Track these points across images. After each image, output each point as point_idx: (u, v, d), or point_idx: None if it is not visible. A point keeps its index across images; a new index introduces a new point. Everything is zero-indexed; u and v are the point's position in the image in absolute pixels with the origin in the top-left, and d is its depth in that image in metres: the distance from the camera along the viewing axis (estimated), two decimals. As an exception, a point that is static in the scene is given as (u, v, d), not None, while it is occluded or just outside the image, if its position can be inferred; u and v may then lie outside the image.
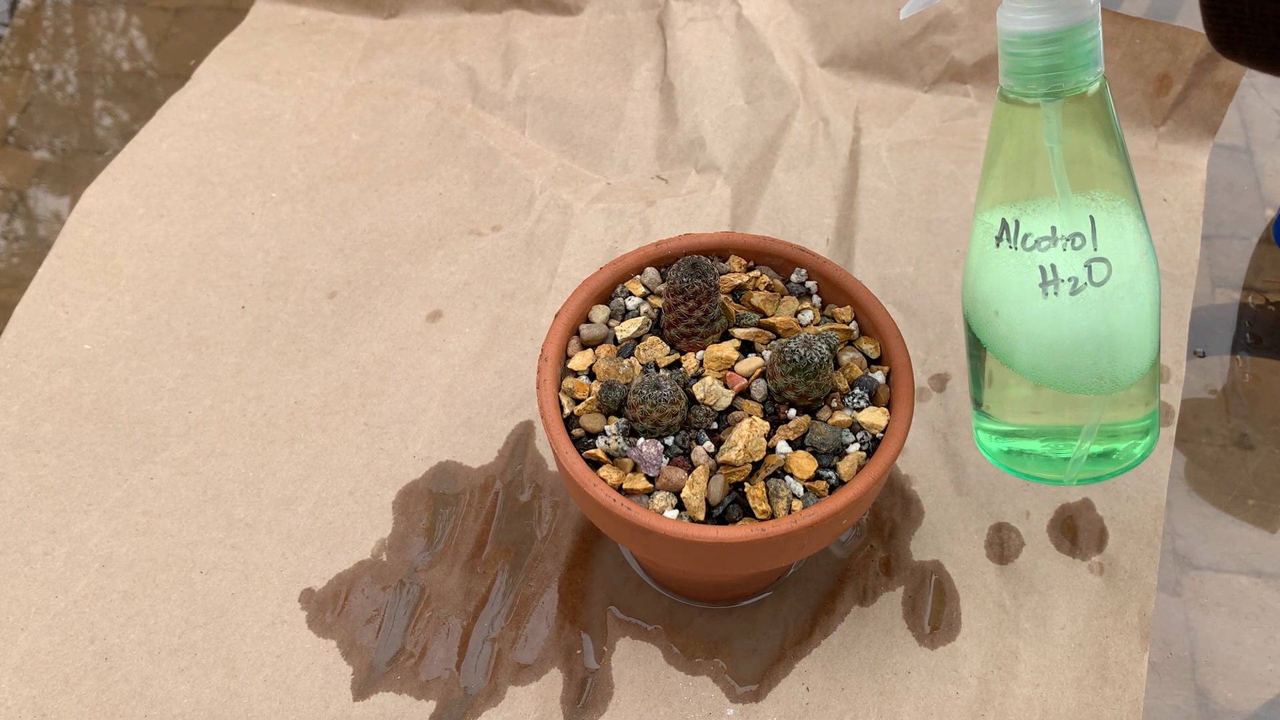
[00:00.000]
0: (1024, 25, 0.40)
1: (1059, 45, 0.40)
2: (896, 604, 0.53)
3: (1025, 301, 0.42)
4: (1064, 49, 0.40)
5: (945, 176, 0.71)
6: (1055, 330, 0.42)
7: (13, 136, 0.77)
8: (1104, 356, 0.43)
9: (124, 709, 0.50)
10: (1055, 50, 0.40)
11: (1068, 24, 0.40)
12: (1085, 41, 0.40)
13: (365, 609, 0.53)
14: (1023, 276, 0.42)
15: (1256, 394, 0.61)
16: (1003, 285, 0.43)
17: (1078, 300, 0.41)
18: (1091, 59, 0.41)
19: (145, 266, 0.67)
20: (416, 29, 0.81)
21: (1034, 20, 0.40)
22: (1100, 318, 0.42)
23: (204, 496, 0.57)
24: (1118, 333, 0.42)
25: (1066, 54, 0.40)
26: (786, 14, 0.78)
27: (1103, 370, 0.43)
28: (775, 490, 0.44)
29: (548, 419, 0.46)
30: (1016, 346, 0.43)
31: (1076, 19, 0.40)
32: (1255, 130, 0.75)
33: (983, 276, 0.44)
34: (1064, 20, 0.40)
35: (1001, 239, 0.42)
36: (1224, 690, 0.51)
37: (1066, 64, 0.40)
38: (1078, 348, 0.42)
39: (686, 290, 0.47)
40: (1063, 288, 0.41)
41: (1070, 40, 0.40)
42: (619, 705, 0.50)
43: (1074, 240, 0.41)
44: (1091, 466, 0.46)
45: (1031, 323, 0.42)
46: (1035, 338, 0.42)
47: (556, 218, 0.69)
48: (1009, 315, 0.43)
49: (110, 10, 0.86)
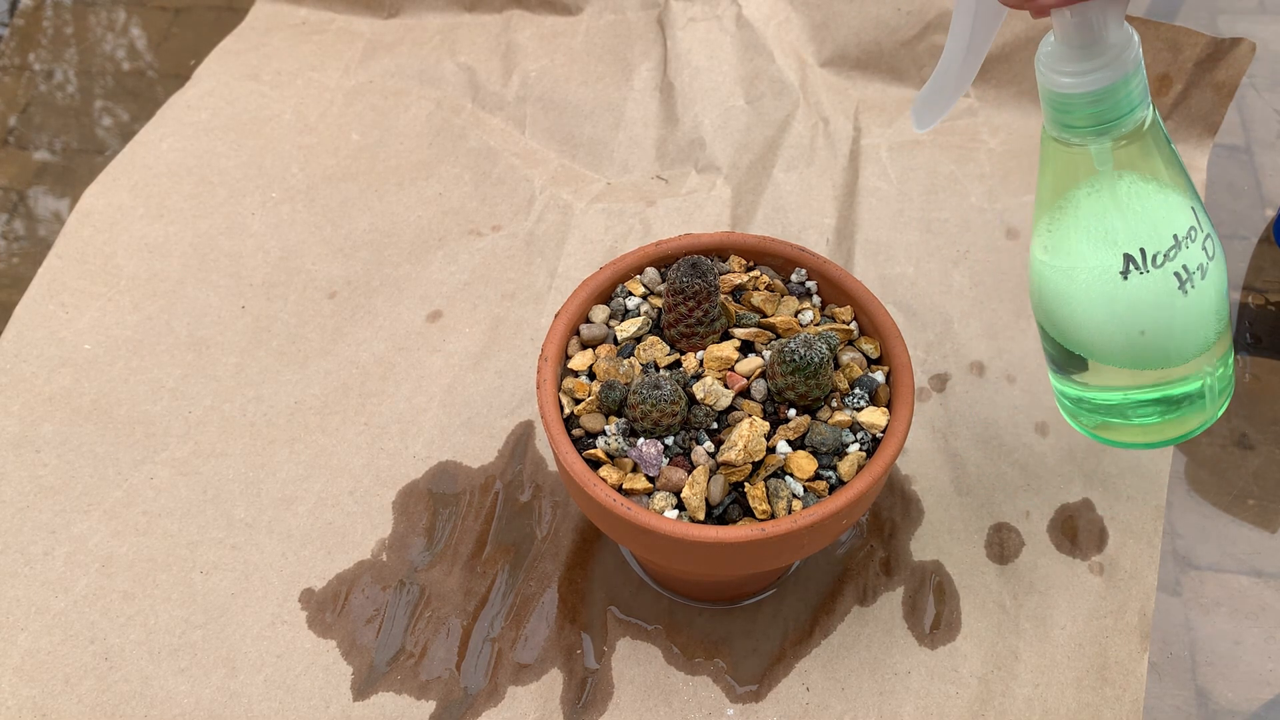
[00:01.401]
0: (1066, 87, 0.39)
1: (1106, 100, 0.39)
2: (896, 604, 0.53)
3: (1170, 308, 0.43)
4: (1111, 102, 0.40)
5: (945, 176, 0.71)
6: (1195, 311, 0.44)
7: (13, 136, 0.77)
8: (1221, 312, 0.45)
9: (124, 709, 0.50)
10: (1102, 106, 0.40)
11: (1112, 80, 0.39)
12: (1132, 90, 0.39)
13: (365, 609, 0.53)
14: (1161, 290, 0.43)
15: (1256, 394, 0.61)
16: (1145, 308, 0.43)
17: (1208, 278, 0.44)
18: (1137, 101, 0.40)
19: (145, 266, 0.67)
20: (416, 29, 0.81)
21: (1077, 83, 0.39)
22: (1217, 281, 0.44)
23: (204, 496, 0.57)
24: (1224, 287, 0.45)
25: (1114, 105, 0.40)
26: (786, 14, 0.78)
27: (1221, 321, 0.45)
28: (775, 490, 0.44)
29: (548, 419, 0.46)
30: (1163, 349, 0.45)
31: (1121, 74, 0.39)
32: (1255, 130, 0.75)
33: (1113, 309, 0.44)
34: (1108, 78, 0.39)
35: (1129, 271, 0.43)
36: (1224, 690, 0.51)
37: (1111, 109, 0.40)
38: (1205, 318, 0.44)
39: (686, 290, 0.47)
40: (1194, 277, 0.43)
41: (1117, 93, 0.39)
42: (619, 705, 0.50)
43: (1191, 234, 0.43)
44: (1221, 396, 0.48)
45: (1179, 321, 0.44)
46: (1181, 330, 0.44)
47: (556, 218, 0.69)
48: (1157, 329, 0.44)
49: (110, 10, 0.86)
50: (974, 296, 0.64)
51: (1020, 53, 0.73)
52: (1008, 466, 0.57)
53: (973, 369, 0.61)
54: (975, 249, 0.67)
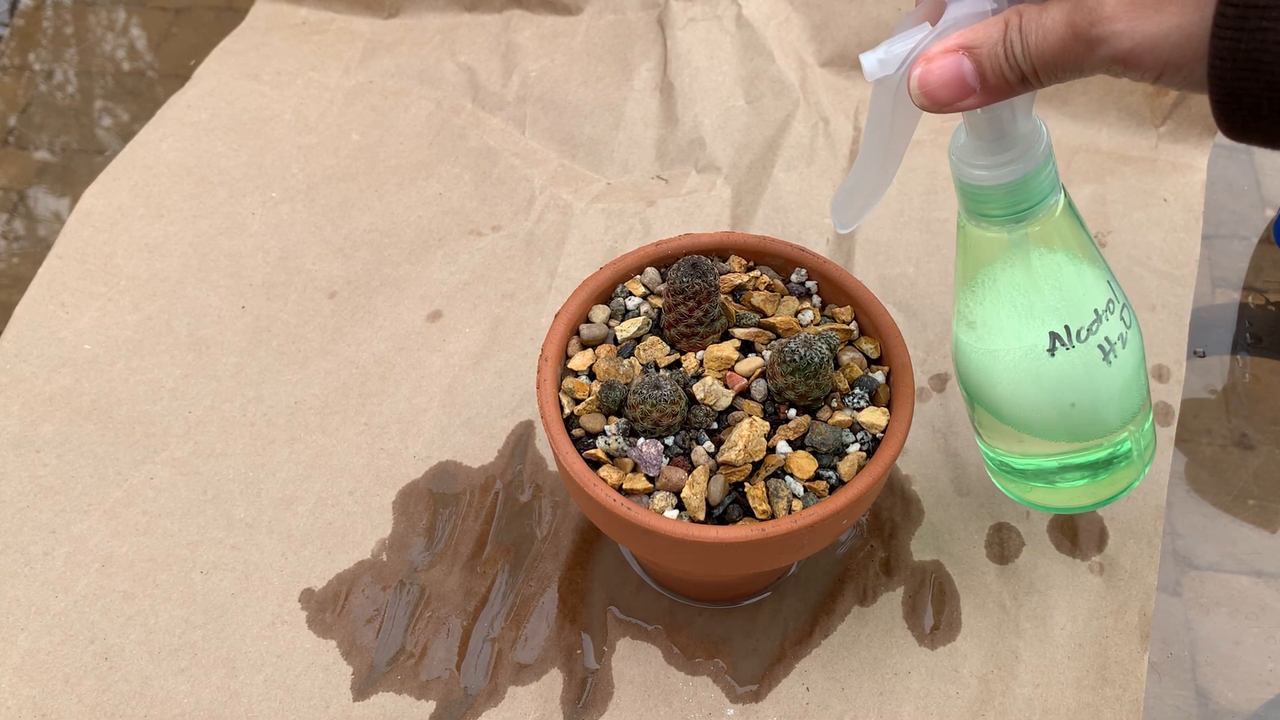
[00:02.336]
0: (980, 179, 0.40)
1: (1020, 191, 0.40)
2: (896, 604, 0.53)
3: (1098, 379, 0.44)
4: (1025, 192, 0.40)
5: (945, 177, 0.71)
6: (1120, 379, 0.44)
7: (13, 136, 0.77)
8: (1143, 379, 0.46)
9: (124, 709, 0.50)
10: (1017, 196, 0.40)
11: (1025, 172, 0.39)
12: (1043, 179, 0.40)
13: (365, 609, 0.53)
14: (1088, 362, 0.44)
15: (1256, 394, 0.61)
16: (1071, 381, 0.44)
17: (1129, 346, 0.44)
18: (1049, 189, 0.41)
19: (145, 266, 0.67)
20: (416, 29, 0.81)
21: (991, 176, 0.40)
22: (1138, 346, 0.45)
23: (204, 496, 0.57)
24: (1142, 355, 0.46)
25: (1027, 194, 0.40)
26: (786, 14, 0.78)
27: (1143, 388, 0.46)
28: (775, 490, 0.44)
29: (548, 419, 0.46)
30: (1092, 422, 0.45)
31: (1033, 166, 0.39)
32: (1255, 130, 0.75)
33: (1041, 385, 0.44)
34: (1021, 170, 0.39)
35: (1055, 349, 0.43)
36: (1224, 690, 0.51)
37: (1025, 198, 0.40)
38: (1131, 383, 0.45)
39: (686, 290, 0.47)
40: (1117, 346, 0.44)
41: (1029, 184, 0.40)
42: (619, 705, 0.50)
43: (1109, 306, 0.43)
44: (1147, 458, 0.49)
45: (1106, 390, 0.44)
46: (1108, 399, 0.44)
47: (556, 218, 0.69)
48: (1086, 399, 0.44)
49: (110, 10, 0.86)
50: (974, 296, 0.64)
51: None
52: (1008, 466, 0.57)
53: (973, 369, 0.61)
54: (975, 249, 0.67)
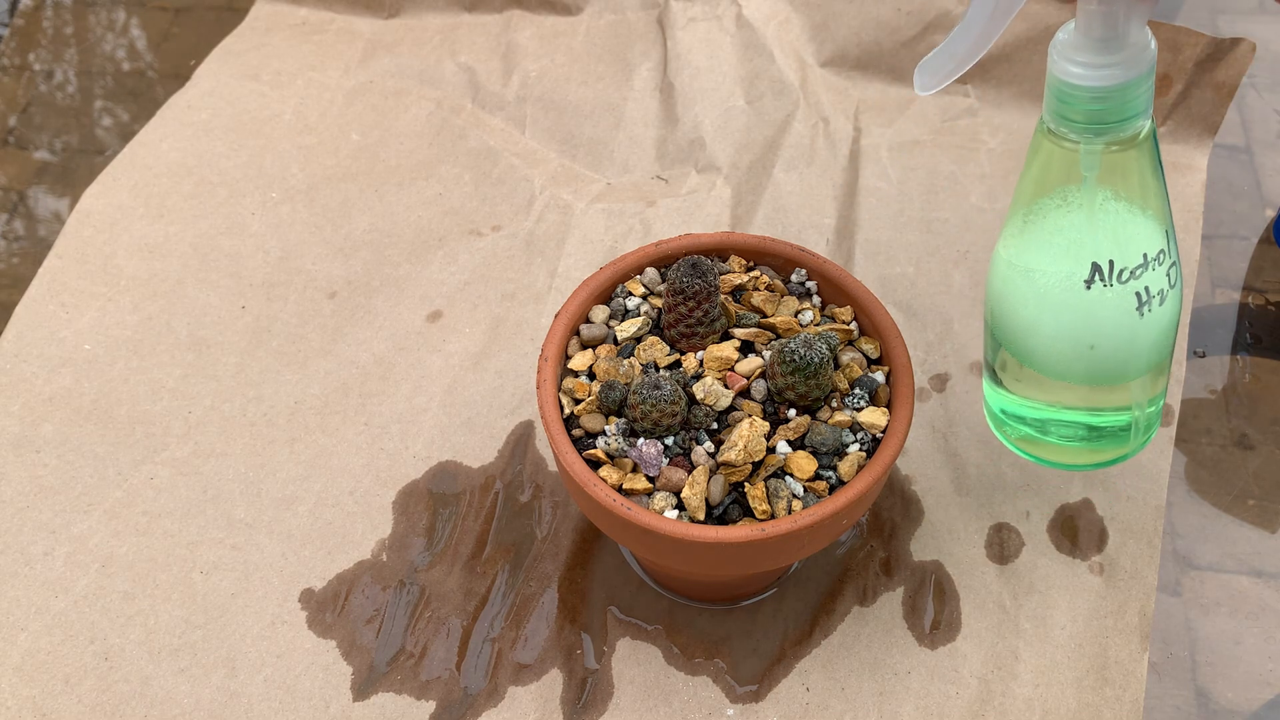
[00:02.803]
0: (1076, 78, 0.39)
1: (1111, 100, 0.39)
2: (896, 604, 0.53)
3: (1125, 327, 0.43)
4: (1117, 101, 0.39)
5: (945, 176, 0.71)
6: (1147, 338, 0.44)
7: (13, 136, 0.77)
8: (1168, 344, 0.45)
9: (124, 709, 0.50)
10: (1107, 103, 0.39)
11: (1125, 79, 0.38)
12: (1139, 94, 0.39)
13: (365, 609, 0.53)
14: (1119, 307, 0.43)
15: (1256, 394, 0.61)
16: (1100, 321, 0.43)
17: (1165, 306, 0.44)
18: (1141, 109, 0.40)
19: (145, 266, 0.67)
20: (416, 29, 0.81)
21: (1090, 75, 0.39)
22: (1172, 311, 0.44)
23: (204, 496, 0.57)
24: (1176, 320, 0.45)
25: (1119, 105, 0.39)
26: (786, 14, 0.78)
27: (1165, 353, 0.46)
28: (775, 490, 0.44)
29: (548, 419, 0.46)
30: (1107, 368, 0.45)
31: (1135, 73, 0.39)
32: (1255, 130, 0.75)
33: (1069, 317, 0.44)
34: (1122, 76, 0.38)
35: (1094, 282, 0.43)
36: (1224, 690, 0.51)
37: (1114, 110, 0.39)
38: (1154, 347, 0.44)
39: (686, 290, 0.47)
40: (1154, 302, 0.43)
41: (1124, 94, 0.39)
42: (619, 705, 0.50)
43: (1159, 258, 0.43)
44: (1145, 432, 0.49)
45: (1130, 344, 0.44)
46: (1130, 354, 0.44)
47: (556, 218, 0.69)
48: (1107, 345, 0.44)
49: (110, 10, 0.86)
50: (974, 296, 0.64)
51: (1020, 53, 0.73)
52: (1008, 466, 0.57)
53: (973, 369, 0.61)
54: (975, 249, 0.67)
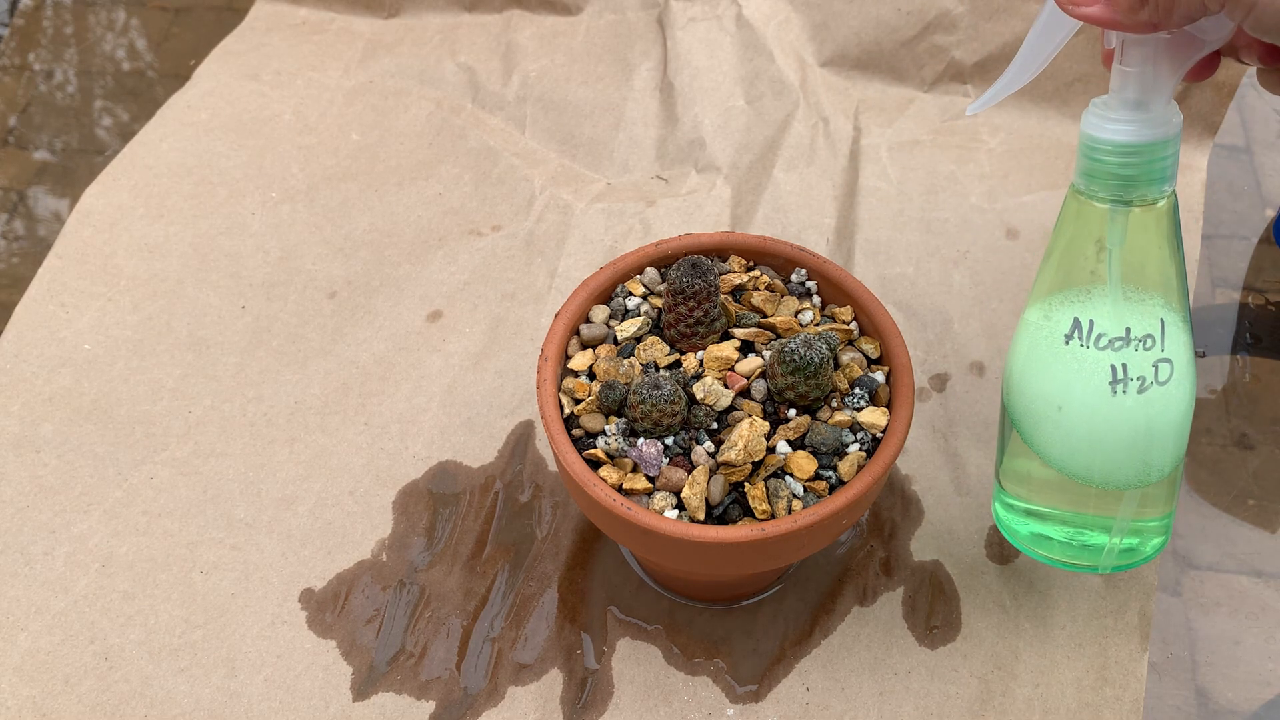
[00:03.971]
0: (1108, 133, 0.41)
1: (1137, 158, 0.41)
2: (896, 604, 0.53)
3: (1093, 399, 0.43)
4: (1142, 162, 0.41)
5: (945, 176, 0.71)
6: (1118, 427, 0.43)
7: (13, 136, 0.77)
8: (1154, 450, 0.44)
9: (124, 709, 0.50)
10: (1132, 162, 0.41)
11: (1151, 139, 0.40)
12: (1164, 157, 0.41)
13: (365, 609, 0.53)
14: (1093, 374, 0.43)
15: (1256, 394, 0.61)
16: (1071, 382, 0.43)
17: (1144, 398, 0.43)
18: (1166, 174, 0.41)
19: (145, 266, 0.67)
20: (416, 29, 0.81)
21: (1118, 130, 0.40)
22: (1158, 414, 0.43)
23: (204, 496, 0.57)
24: (1167, 428, 0.44)
25: (1143, 167, 0.41)
26: (786, 14, 0.78)
27: (1149, 462, 0.44)
28: (775, 490, 0.44)
29: (548, 419, 0.46)
30: (1072, 444, 0.44)
31: (1160, 134, 0.40)
32: (1255, 130, 0.75)
33: (1045, 373, 0.44)
34: (1148, 135, 0.40)
35: (1073, 337, 0.43)
36: (1224, 690, 0.51)
37: (1141, 176, 0.41)
38: (1133, 443, 0.43)
39: (686, 290, 0.47)
40: (1131, 386, 0.42)
41: (1149, 154, 0.41)
42: (619, 705, 0.50)
43: (1145, 341, 0.42)
44: (1120, 557, 0.48)
45: (1097, 420, 0.43)
46: (1097, 435, 0.43)
47: (556, 218, 0.69)
48: (1074, 412, 0.43)
49: (110, 10, 0.86)
50: (974, 296, 0.64)
51: (1020, 53, 0.73)
52: (1008, 466, 0.57)
53: (973, 369, 0.61)
54: (975, 249, 0.67)
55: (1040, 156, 0.71)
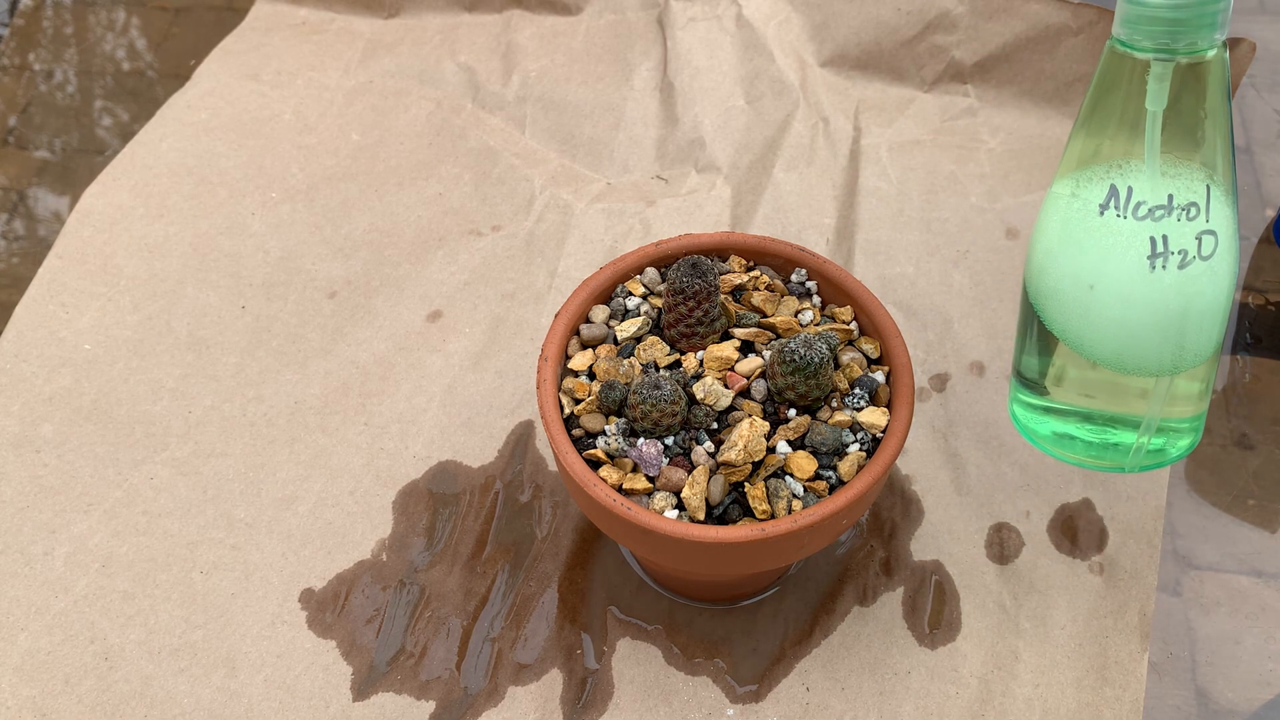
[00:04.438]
0: None
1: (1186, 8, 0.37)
2: (896, 604, 0.53)
3: (1129, 275, 0.39)
4: (1193, 3, 0.37)
5: (945, 176, 0.71)
6: (1153, 306, 0.39)
7: (13, 136, 0.77)
8: (1190, 331, 0.40)
9: (124, 709, 0.50)
10: (1183, 3, 0.37)
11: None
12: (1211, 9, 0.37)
13: (365, 609, 0.53)
14: (1130, 248, 0.39)
15: (1256, 394, 0.61)
16: (1105, 257, 0.39)
17: (1184, 274, 0.39)
18: (1218, 20, 0.37)
19: (145, 266, 0.67)
20: (416, 29, 0.81)
21: None
22: (1198, 293, 0.39)
23: (204, 496, 0.57)
24: (1206, 309, 0.40)
25: (1195, 9, 0.37)
26: (786, 14, 0.78)
27: (1183, 345, 0.41)
28: (775, 490, 0.44)
29: (548, 419, 0.46)
30: (1103, 326, 0.40)
31: None
32: (1255, 130, 0.75)
33: (1075, 249, 0.40)
34: None
35: (1108, 207, 0.39)
36: (1224, 690, 0.51)
37: (1191, 20, 0.37)
38: (1168, 324, 0.40)
39: (686, 290, 0.47)
40: (1172, 260, 0.39)
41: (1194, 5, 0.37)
42: (619, 705, 0.50)
43: (1189, 210, 0.39)
44: (1148, 457, 0.44)
45: (1133, 298, 0.39)
46: (1129, 315, 0.40)
47: (556, 218, 0.69)
48: (1107, 290, 0.40)
49: (110, 10, 0.86)
50: (974, 296, 0.64)
51: (1020, 53, 0.73)
52: (1008, 466, 0.57)
53: (973, 369, 0.61)
54: (975, 249, 0.67)
55: (1040, 156, 0.71)
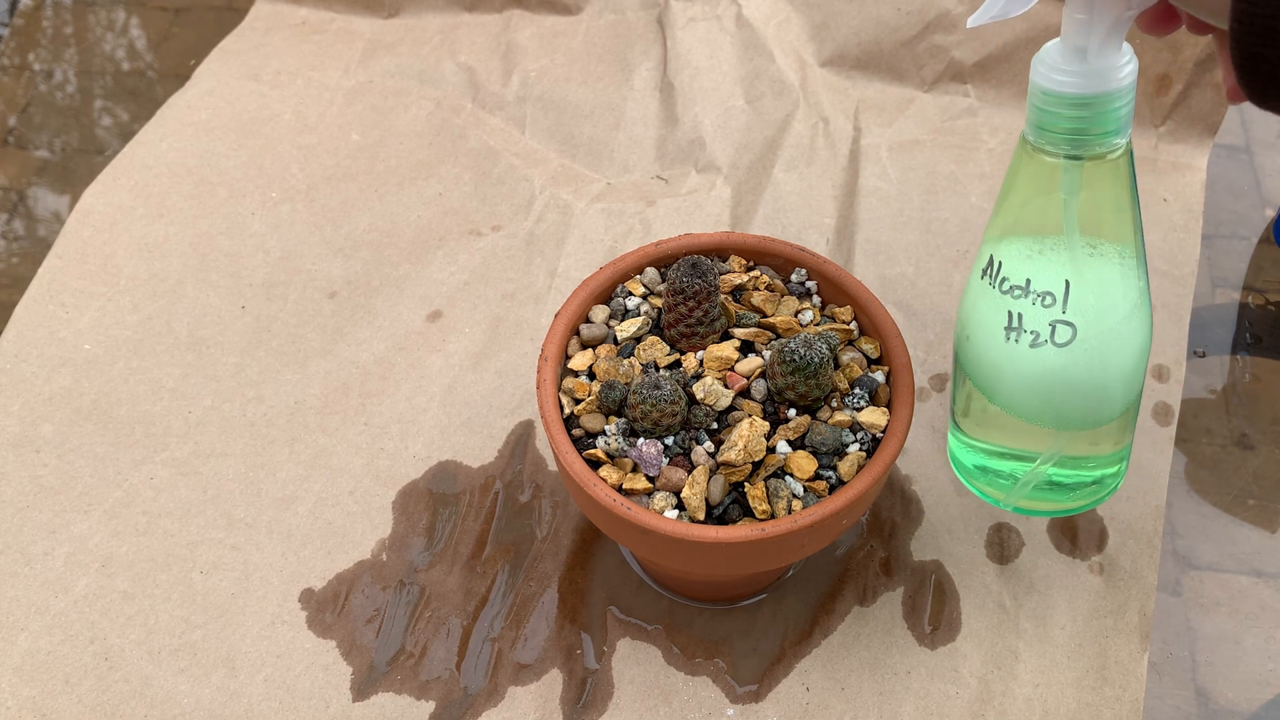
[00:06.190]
0: (1055, 85, 0.39)
1: (1088, 110, 0.39)
2: (896, 604, 0.53)
3: (991, 337, 0.44)
4: (1093, 114, 0.39)
5: (945, 176, 0.71)
6: (1014, 370, 0.44)
7: (13, 136, 0.77)
8: (1069, 401, 0.44)
9: (124, 709, 0.50)
10: (1083, 115, 0.39)
11: (1100, 90, 0.39)
12: (1117, 109, 0.39)
13: (365, 609, 0.53)
14: (993, 314, 0.44)
15: (1256, 394, 0.61)
16: (977, 316, 0.45)
17: (1036, 352, 0.43)
18: (1120, 125, 0.40)
19: (145, 266, 0.67)
20: (416, 29, 0.81)
21: (1066, 82, 0.39)
22: (1060, 369, 0.43)
23: (204, 496, 0.57)
24: (1081, 385, 0.43)
25: (1096, 119, 0.39)
26: (786, 14, 0.78)
27: (1066, 412, 0.44)
28: (775, 490, 0.44)
29: (548, 419, 0.46)
30: (981, 373, 0.46)
31: (1109, 86, 0.39)
32: (1255, 130, 0.75)
33: (966, 301, 0.46)
34: (1097, 86, 0.39)
35: (985, 273, 0.44)
36: (1224, 690, 0.51)
37: (1094, 129, 0.40)
38: (1034, 389, 0.44)
39: (686, 290, 0.47)
40: (1024, 338, 0.43)
41: (1100, 106, 0.39)
42: (619, 705, 0.50)
43: (1044, 298, 0.42)
44: (1041, 495, 0.48)
45: (994, 357, 0.44)
46: (998, 372, 0.45)
47: (556, 218, 0.69)
48: (977, 345, 0.45)
49: (110, 10, 0.86)
50: (974, 296, 0.65)
51: (1020, 52, 0.73)
52: (1008, 466, 0.57)
53: (973, 369, 0.61)
54: (975, 249, 0.67)
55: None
